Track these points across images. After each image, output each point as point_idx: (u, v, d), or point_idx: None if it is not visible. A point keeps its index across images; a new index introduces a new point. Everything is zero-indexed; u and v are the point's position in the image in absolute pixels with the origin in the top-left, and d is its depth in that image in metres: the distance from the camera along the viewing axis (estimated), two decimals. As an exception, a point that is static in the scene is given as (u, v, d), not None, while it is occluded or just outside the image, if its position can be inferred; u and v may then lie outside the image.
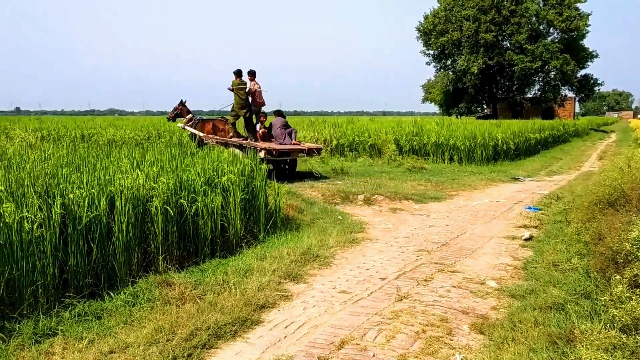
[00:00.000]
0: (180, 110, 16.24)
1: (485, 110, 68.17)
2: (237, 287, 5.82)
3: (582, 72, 60.73)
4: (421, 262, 7.22)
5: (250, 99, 13.88)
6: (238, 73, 13.71)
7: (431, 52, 63.11)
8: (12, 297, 4.92)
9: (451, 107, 67.59)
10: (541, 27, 58.21)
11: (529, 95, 62.76)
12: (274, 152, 12.71)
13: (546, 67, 56.86)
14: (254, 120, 14.20)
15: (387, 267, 6.99)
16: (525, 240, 8.29)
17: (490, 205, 11.76)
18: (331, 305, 5.60)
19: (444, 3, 60.36)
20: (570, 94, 64.48)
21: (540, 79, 60.48)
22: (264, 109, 14.32)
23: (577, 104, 71.78)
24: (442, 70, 65.54)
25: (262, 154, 11.03)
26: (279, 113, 14.52)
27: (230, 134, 14.31)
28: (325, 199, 11.37)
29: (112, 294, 5.51)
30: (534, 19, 56.77)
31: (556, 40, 57.75)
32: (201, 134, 14.99)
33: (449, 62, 63.47)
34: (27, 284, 4.98)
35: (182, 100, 16.29)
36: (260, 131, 13.96)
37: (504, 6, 56.14)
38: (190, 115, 15.99)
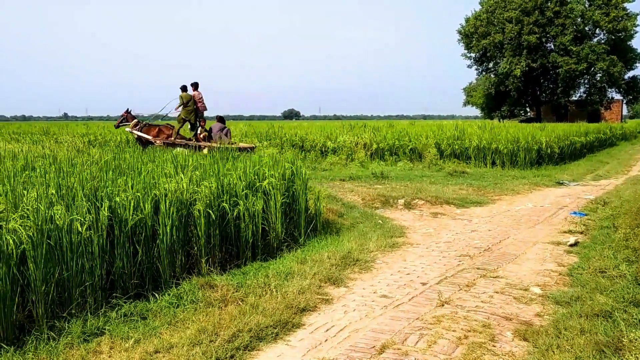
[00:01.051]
0: (126, 118, 17.74)
1: (529, 114, 66.88)
2: (278, 290, 5.87)
3: (630, 73, 59.10)
4: (463, 267, 7.14)
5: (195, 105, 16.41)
6: (184, 88, 16.16)
7: (473, 55, 62.41)
8: (62, 297, 5.08)
9: (493, 111, 66.52)
10: (587, 28, 56.81)
11: (573, 98, 61.34)
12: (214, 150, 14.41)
13: (592, 69, 55.49)
14: (197, 124, 16.62)
15: (429, 271, 6.94)
16: (571, 246, 8.11)
17: (534, 210, 11.54)
18: (372, 309, 5.59)
19: (486, 5, 59.62)
20: (618, 97, 62.76)
21: (585, 81, 59.08)
22: (205, 113, 16.95)
23: (624, 106, 69.82)
24: (483, 73, 64.69)
25: (205, 152, 12.68)
26: (219, 118, 16.53)
27: (173, 137, 16.42)
28: (365, 203, 11.36)
29: (156, 295, 5.63)
30: (579, 19, 55.46)
31: (602, 41, 56.28)
32: (150, 137, 16.65)
33: (490, 64, 62.62)
34: (76, 285, 5.13)
35: (127, 109, 17.86)
36: (202, 135, 16.18)
37: (548, 7, 55.05)
38: (135, 121, 17.42)
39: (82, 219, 5.23)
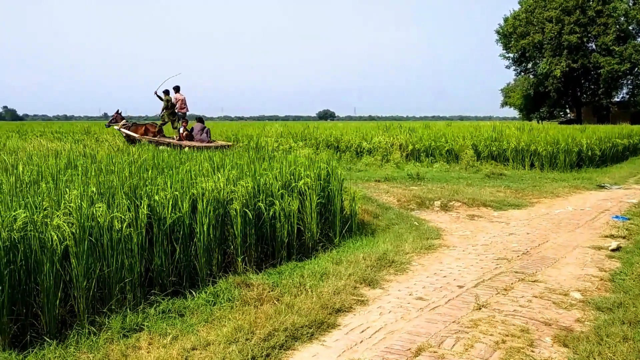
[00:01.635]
0: (116, 118, 20.28)
1: (569, 115, 65.46)
2: (314, 290, 5.87)
3: (676, 74, 57.29)
4: (501, 270, 7.03)
5: (177, 107, 18.17)
6: (167, 92, 17.95)
7: (511, 55, 61.45)
8: (102, 293, 5.19)
9: (532, 112, 65.34)
10: (630, 28, 55.36)
11: (616, 99, 59.81)
12: (194, 148, 15.21)
13: (635, 69, 54.06)
14: (178, 125, 18.15)
15: (465, 274, 6.85)
16: (613, 250, 7.90)
17: (574, 213, 11.29)
18: (407, 311, 5.55)
19: (525, 5, 58.63)
20: (663, 97, 60.94)
21: (628, 82, 57.60)
22: (188, 113, 18.86)
23: (670, 108, 67.73)
24: (522, 73, 63.64)
25: (186, 149, 13.62)
26: (199, 119, 18.22)
27: (157, 136, 18.07)
28: (401, 205, 11.29)
29: (193, 293, 5.71)
30: (622, 19, 54.10)
31: (647, 40, 54.79)
32: (136, 135, 18.44)
33: (529, 65, 61.58)
34: (116, 281, 5.24)
35: (118, 110, 20.47)
36: (184, 134, 17.66)
37: (590, 6, 53.80)
38: (124, 121, 19.81)
39: (122, 217, 5.34)
